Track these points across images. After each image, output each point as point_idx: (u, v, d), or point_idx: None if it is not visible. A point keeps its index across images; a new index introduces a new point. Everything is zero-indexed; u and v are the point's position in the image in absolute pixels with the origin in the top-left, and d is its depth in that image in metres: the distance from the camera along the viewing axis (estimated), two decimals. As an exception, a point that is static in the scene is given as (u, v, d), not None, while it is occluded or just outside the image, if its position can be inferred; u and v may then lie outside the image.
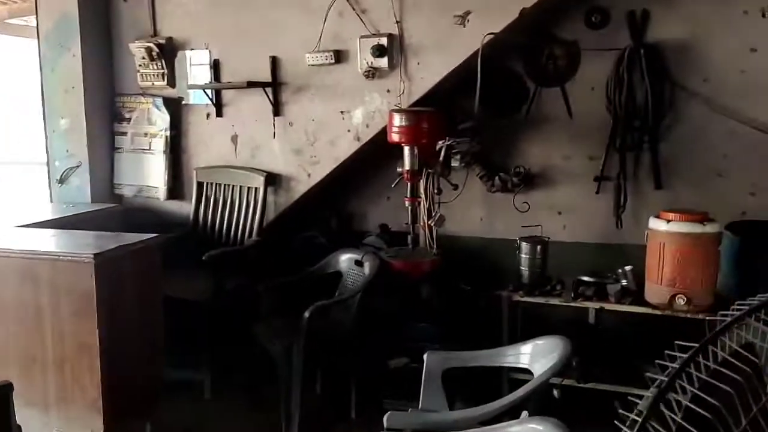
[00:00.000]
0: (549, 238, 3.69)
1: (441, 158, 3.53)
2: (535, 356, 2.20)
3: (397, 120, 3.38)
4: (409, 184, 3.58)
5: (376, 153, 4.21)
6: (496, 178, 4.18)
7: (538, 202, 4.21)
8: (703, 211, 3.10)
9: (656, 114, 3.77)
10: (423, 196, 3.43)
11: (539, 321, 3.95)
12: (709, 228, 2.94)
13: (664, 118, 3.83)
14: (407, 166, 3.50)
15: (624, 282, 3.22)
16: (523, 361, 2.24)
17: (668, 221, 2.97)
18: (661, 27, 3.80)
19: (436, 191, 3.50)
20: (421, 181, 3.51)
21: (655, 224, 3.05)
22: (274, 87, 4.19)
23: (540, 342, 2.19)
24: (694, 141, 3.85)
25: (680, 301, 2.94)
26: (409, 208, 3.63)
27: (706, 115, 3.81)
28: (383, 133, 3.92)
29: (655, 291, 3.04)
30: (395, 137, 3.44)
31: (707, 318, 3.00)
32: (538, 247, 3.52)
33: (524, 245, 3.53)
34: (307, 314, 3.18)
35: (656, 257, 3.03)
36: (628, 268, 3.25)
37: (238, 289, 3.90)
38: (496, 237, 4.34)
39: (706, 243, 2.95)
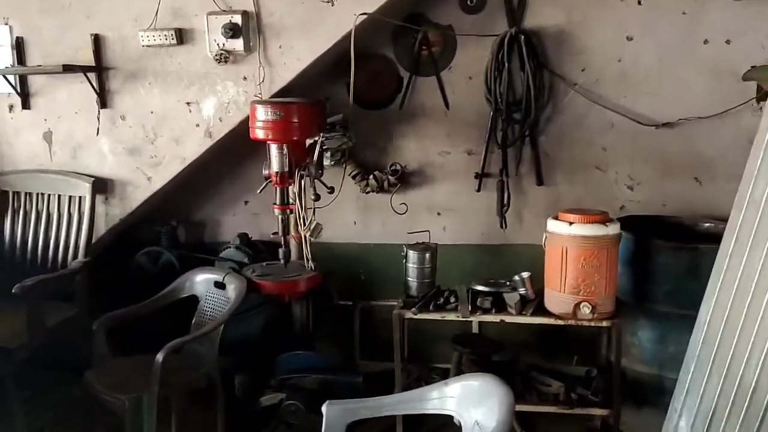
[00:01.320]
0: (437, 244, 3.34)
1: (315, 157, 3.03)
2: (464, 402, 1.81)
3: (262, 113, 2.85)
4: (278, 188, 3.05)
5: (230, 150, 3.63)
6: (371, 177, 3.78)
7: (416, 203, 3.87)
8: (602, 211, 2.91)
9: (537, 105, 3.55)
10: (297, 202, 2.91)
11: (423, 335, 3.64)
12: (612, 229, 2.76)
13: (543, 110, 3.62)
14: (275, 168, 2.98)
15: (522, 290, 2.96)
16: (449, 407, 1.84)
17: (570, 223, 2.73)
18: (538, 13, 3.61)
19: (312, 197, 2.99)
20: (293, 184, 2.98)
21: (556, 227, 2.81)
22: (99, 72, 3.44)
23: (470, 383, 1.81)
24: (573, 133, 3.72)
25: (585, 309, 2.74)
26: (279, 217, 3.11)
27: (585, 107, 3.69)
28: (240, 127, 3.35)
29: (558, 299, 2.82)
30: (260, 134, 2.90)
31: (611, 324, 2.84)
32: (427, 255, 3.18)
33: (412, 254, 3.17)
34: (160, 357, 2.56)
35: (557, 263, 2.79)
36: (525, 275, 2.99)
37: (62, 326, 3.13)
38: (373, 242, 3.94)
39: (609, 245, 2.77)
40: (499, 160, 3.74)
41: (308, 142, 3.16)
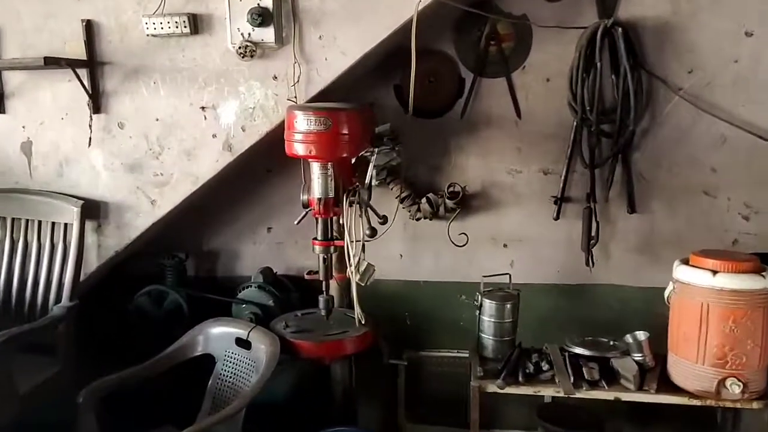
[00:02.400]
0: (519, 291, 2.64)
1: (368, 179, 2.34)
2: None
3: (303, 122, 2.18)
4: (319, 219, 2.35)
5: (250, 164, 2.94)
6: (423, 200, 3.08)
7: (476, 232, 3.19)
8: (749, 254, 2.21)
9: (635, 114, 2.87)
10: (346, 236, 2.22)
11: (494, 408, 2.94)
12: (769, 280, 2.04)
13: (641, 121, 2.92)
14: (318, 193, 2.29)
15: (637, 356, 2.25)
16: None
17: (714, 273, 2.02)
18: (636, 1, 2.89)
19: (367, 231, 2.30)
20: (340, 214, 2.29)
21: (690, 275, 2.13)
22: (92, 68, 2.76)
23: None
24: (675, 150, 3.03)
25: (734, 388, 2.04)
26: (321, 256, 2.40)
27: (691, 117, 3.00)
28: (269, 138, 2.66)
29: (692, 372, 2.14)
30: (300, 149, 2.23)
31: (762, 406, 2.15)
32: (508, 307, 2.51)
33: (488, 304, 2.50)
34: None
35: (692, 324, 2.10)
36: (641, 335, 2.30)
37: (40, 391, 2.44)
38: (423, 279, 3.26)
39: (766, 303, 2.04)
40: (585, 181, 3.06)
41: (366, 156, 2.46)
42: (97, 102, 2.84)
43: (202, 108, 2.79)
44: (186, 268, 3.26)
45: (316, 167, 2.36)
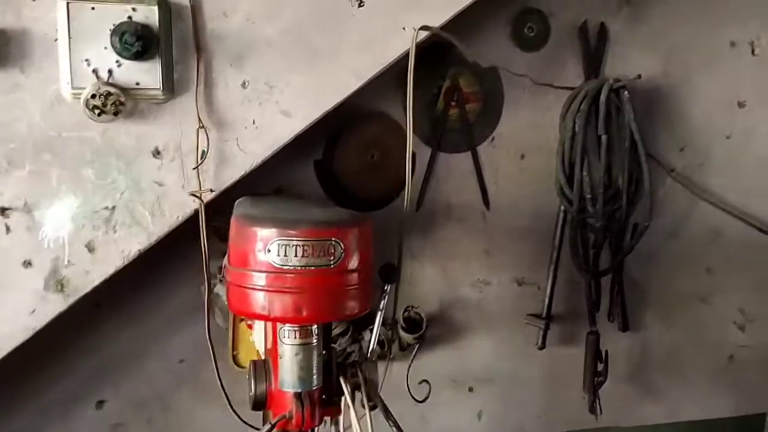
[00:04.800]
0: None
1: (373, 341, 1.32)
2: None
3: (282, 250, 1.05)
4: None
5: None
6: (366, 334, 2.04)
7: (432, 374, 2.21)
8: None
9: (633, 202, 2.19)
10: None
11: None
12: None
13: (652, 212, 2.27)
14: (294, 384, 1.18)
15: None
16: None
17: None
18: (624, 56, 2.28)
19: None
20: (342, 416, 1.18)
21: None
22: None
23: None
24: (669, 247, 2.46)
25: None
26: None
27: (686, 204, 2.44)
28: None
29: None
30: (271, 305, 1.08)
31: None
32: None
33: None
34: None
35: None
36: None
37: None
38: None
39: None
40: (573, 294, 2.31)
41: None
42: None
43: (1, 211, 1.42)
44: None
45: (290, 335, 1.19)
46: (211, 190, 1.47)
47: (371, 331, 2.05)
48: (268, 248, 1.10)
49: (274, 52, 1.54)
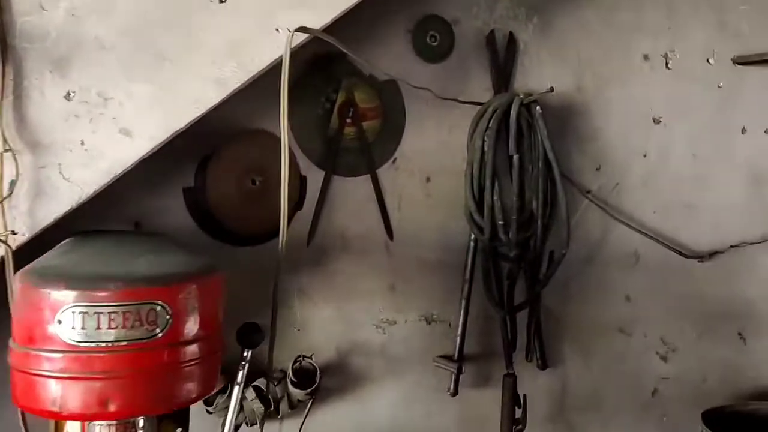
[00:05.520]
0: None
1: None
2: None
3: (78, 320, 0.73)
4: None
5: None
6: (251, 393, 1.72)
7: (333, 429, 1.91)
8: None
9: (568, 232, 1.99)
10: None
11: None
12: None
13: (569, 240, 2.07)
14: None
15: None
16: None
17: None
18: (534, 70, 2.11)
19: None
20: None
21: None
22: None
23: None
24: (586, 273, 2.27)
25: None
26: None
27: (601, 228, 2.26)
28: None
29: None
30: (67, 398, 0.73)
31: None
32: None
33: None
34: None
35: None
36: None
37: None
38: None
39: None
40: (488, 332, 2.06)
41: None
42: None
43: None
44: None
45: None
46: (14, 233, 1.11)
47: (255, 388, 1.73)
48: (59, 318, 0.77)
49: (109, 55, 1.21)
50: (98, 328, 0.78)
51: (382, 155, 2.00)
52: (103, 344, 0.78)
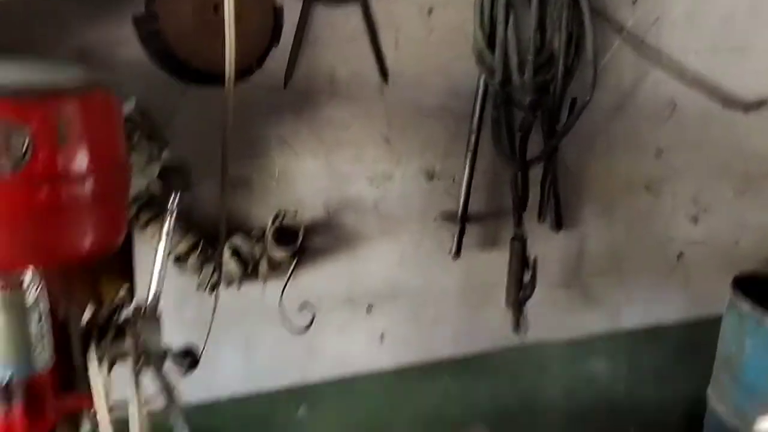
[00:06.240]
0: None
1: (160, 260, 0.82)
2: None
3: None
4: None
5: None
6: (227, 252, 1.53)
7: (320, 293, 1.75)
8: None
9: (595, 75, 1.69)
10: None
11: None
12: None
13: (595, 84, 1.77)
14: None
15: None
16: None
17: None
18: None
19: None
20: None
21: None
22: None
23: None
24: (614, 124, 2.00)
25: None
26: None
27: (635, 73, 1.96)
28: None
29: None
30: None
31: None
32: None
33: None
34: None
35: None
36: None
37: None
38: (229, 394, 1.75)
39: None
40: (495, 188, 1.83)
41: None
42: None
43: None
44: None
45: None
46: None
47: (231, 247, 1.54)
48: None
49: None
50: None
51: (375, -20, 1.67)
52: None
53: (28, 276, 0.73)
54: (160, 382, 0.90)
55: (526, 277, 1.83)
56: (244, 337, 1.78)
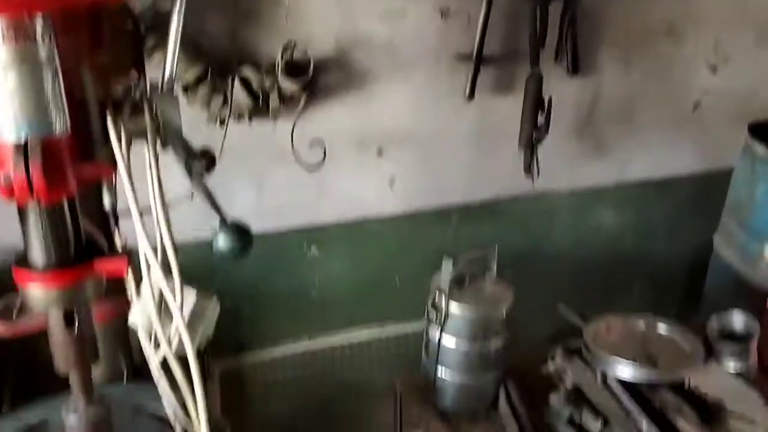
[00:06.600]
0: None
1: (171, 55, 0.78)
2: None
3: None
4: (34, 210, 0.69)
5: None
6: (237, 83, 1.50)
7: (329, 134, 1.74)
8: None
9: None
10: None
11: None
12: None
13: None
14: (15, 130, 0.61)
15: (734, 362, 1.17)
16: None
17: None
18: None
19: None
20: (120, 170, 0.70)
21: None
22: None
23: None
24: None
25: None
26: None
27: None
28: None
29: None
30: None
31: None
32: (494, 315, 1.16)
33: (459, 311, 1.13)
34: None
35: None
36: (740, 321, 1.18)
37: None
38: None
39: None
40: (513, 28, 1.77)
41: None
42: None
43: None
44: None
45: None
46: None
47: (240, 79, 1.50)
48: None
49: None
50: None
51: None
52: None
53: (39, 26, 0.70)
54: (180, 159, 0.89)
55: (540, 119, 1.79)
56: (256, 175, 1.78)
